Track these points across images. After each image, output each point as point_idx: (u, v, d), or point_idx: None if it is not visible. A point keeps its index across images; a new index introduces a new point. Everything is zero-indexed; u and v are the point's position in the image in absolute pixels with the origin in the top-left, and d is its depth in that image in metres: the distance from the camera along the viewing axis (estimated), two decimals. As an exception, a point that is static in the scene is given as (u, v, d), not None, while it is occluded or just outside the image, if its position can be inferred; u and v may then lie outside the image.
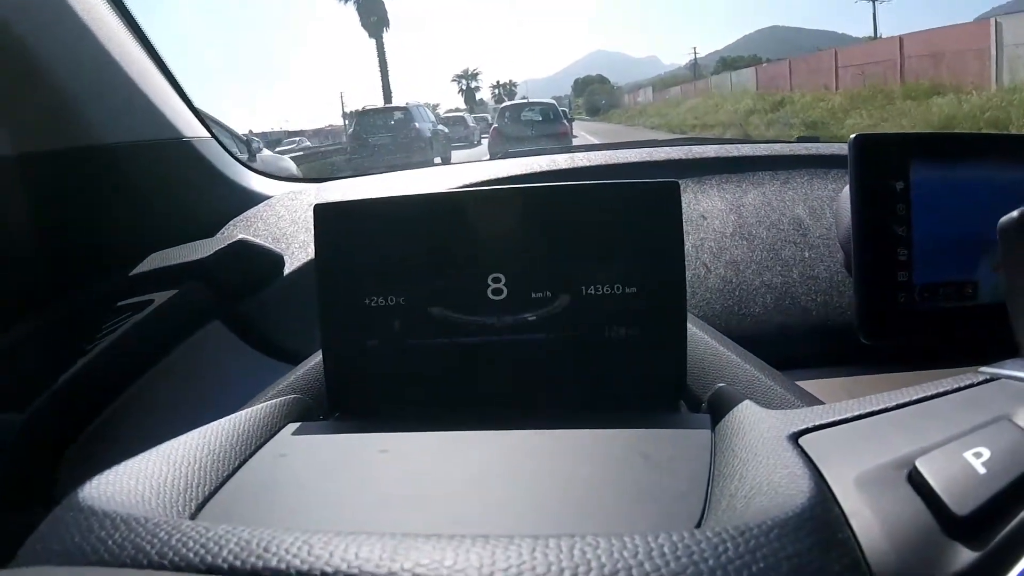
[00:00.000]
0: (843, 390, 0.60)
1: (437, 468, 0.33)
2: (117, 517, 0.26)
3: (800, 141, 0.95)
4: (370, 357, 0.43)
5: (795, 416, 0.30)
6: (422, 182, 1.00)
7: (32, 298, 0.70)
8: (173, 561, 0.23)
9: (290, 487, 0.32)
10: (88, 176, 0.75)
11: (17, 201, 0.71)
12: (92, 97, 0.75)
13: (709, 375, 0.45)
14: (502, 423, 0.36)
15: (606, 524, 0.26)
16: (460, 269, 0.42)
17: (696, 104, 25.13)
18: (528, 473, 0.31)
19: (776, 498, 0.23)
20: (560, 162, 0.90)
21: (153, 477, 0.30)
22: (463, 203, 0.43)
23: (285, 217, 0.84)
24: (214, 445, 0.34)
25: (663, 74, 77.44)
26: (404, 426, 0.37)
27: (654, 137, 4.83)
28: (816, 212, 0.76)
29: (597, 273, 0.41)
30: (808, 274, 0.70)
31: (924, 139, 0.54)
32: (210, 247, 0.72)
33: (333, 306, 0.43)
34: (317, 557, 0.21)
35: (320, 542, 0.22)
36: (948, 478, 0.23)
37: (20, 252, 0.71)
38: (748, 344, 0.49)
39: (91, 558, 0.24)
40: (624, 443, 0.33)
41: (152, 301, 0.66)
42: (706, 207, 0.79)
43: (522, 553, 0.21)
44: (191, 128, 0.86)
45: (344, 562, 0.21)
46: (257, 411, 0.39)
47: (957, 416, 0.27)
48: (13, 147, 0.69)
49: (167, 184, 0.83)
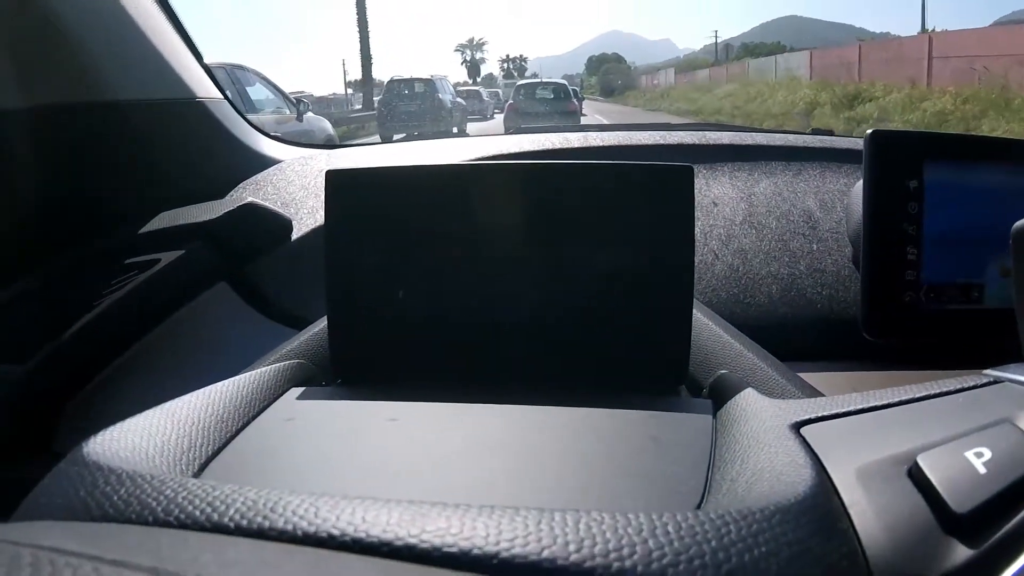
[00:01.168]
0: (844, 384, 0.60)
1: (443, 438, 0.33)
2: (122, 473, 0.26)
3: (814, 133, 0.95)
4: (375, 325, 0.43)
5: (797, 406, 0.31)
6: (435, 152, 0.99)
7: (37, 250, 0.70)
8: (179, 518, 0.23)
9: (293, 451, 0.32)
10: (99, 131, 0.74)
11: (27, 152, 0.70)
12: (107, 53, 0.74)
13: (711, 361, 0.45)
14: (505, 397, 0.36)
15: (607, 501, 0.27)
16: (469, 241, 0.42)
17: (733, 91, 22.10)
18: (533, 447, 0.32)
19: (778, 485, 0.24)
20: (573, 140, 0.89)
21: (157, 435, 0.30)
22: (476, 176, 0.43)
23: (295, 182, 0.84)
24: (218, 406, 0.34)
25: (680, 57, 73.92)
26: (408, 395, 0.37)
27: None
28: (827, 205, 0.76)
29: (607, 253, 0.41)
30: (815, 267, 0.70)
31: (940, 139, 0.54)
32: (219, 208, 0.72)
33: (340, 273, 0.43)
34: (324, 519, 0.22)
35: (327, 505, 0.22)
36: (949, 476, 0.23)
37: (28, 203, 0.71)
38: (751, 333, 0.49)
39: (95, 513, 0.24)
40: (628, 424, 0.33)
41: (159, 260, 0.67)
42: (717, 194, 0.79)
43: (528, 524, 0.21)
44: (204, 89, 0.86)
45: (351, 526, 0.21)
46: (261, 374, 0.40)
47: (959, 416, 0.27)
48: (26, 98, 0.69)
49: (178, 144, 0.83)
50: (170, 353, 0.64)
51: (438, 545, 0.21)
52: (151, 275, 0.65)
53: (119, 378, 0.62)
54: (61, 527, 0.24)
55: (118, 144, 0.76)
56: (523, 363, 0.42)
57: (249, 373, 0.40)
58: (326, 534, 0.21)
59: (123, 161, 0.77)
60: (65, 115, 0.72)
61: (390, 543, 0.21)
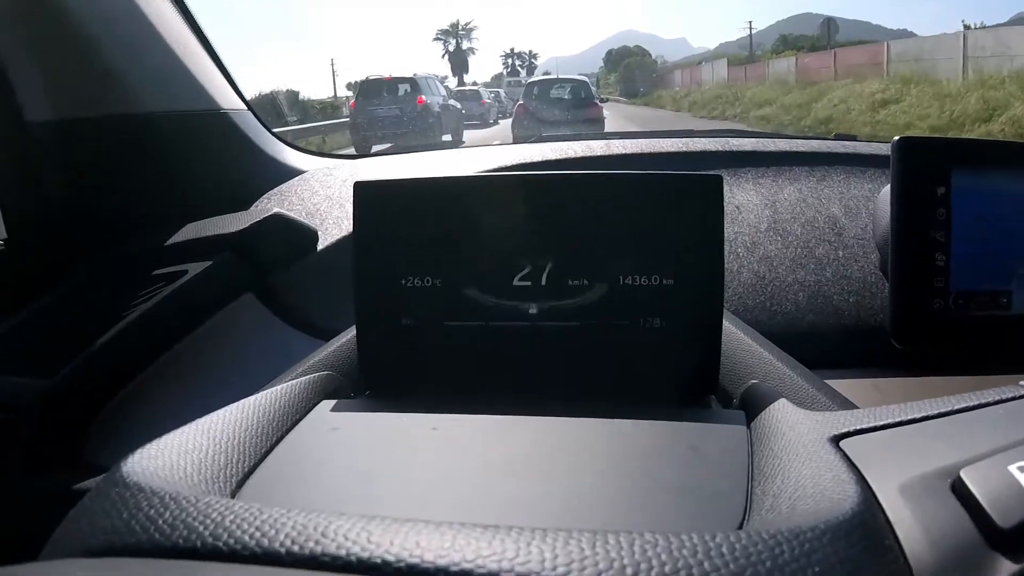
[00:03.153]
0: (872, 391, 0.60)
1: (482, 452, 0.33)
2: (165, 495, 0.25)
3: (837, 138, 0.95)
4: (404, 337, 0.43)
5: (834, 418, 0.31)
6: (459, 163, 1.00)
7: (64, 262, 0.71)
8: (228, 543, 0.23)
9: (331, 466, 0.33)
10: (124, 144, 0.76)
11: (53, 165, 0.72)
12: (132, 66, 0.75)
13: (740, 371, 0.45)
14: (536, 408, 0.36)
15: (653, 517, 0.27)
16: (498, 253, 0.43)
17: (842, 95, 13.93)
18: (572, 461, 0.32)
19: (823, 501, 0.24)
20: (595, 148, 0.89)
21: (194, 452, 0.30)
22: (504, 187, 0.44)
23: (319, 192, 0.84)
24: (252, 420, 0.35)
25: (694, 54, 65.08)
26: (438, 407, 0.37)
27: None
28: (852, 211, 0.76)
29: (635, 263, 0.41)
30: (842, 274, 0.70)
31: (968, 145, 0.54)
32: (245, 220, 0.73)
33: (369, 284, 0.43)
34: (377, 544, 0.22)
35: (379, 529, 0.22)
36: (992, 490, 0.23)
37: (54, 215, 0.72)
38: (778, 341, 0.49)
39: (141, 537, 0.24)
40: (664, 435, 0.34)
41: (186, 271, 0.67)
42: (741, 200, 0.78)
43: (583, 548, 0.21)
44: (228, 100, 0.87)
45: (405, 550, 0.21)
46: (292, 387, 0.40)
47: (1000, 429, 0.27)
48: (53, 112, 0.70)
49: (202, 155, 0.83)
50: (198, 364, 0.65)
51: (495, 571, 0.21)
52: (179, 286, 0.66)
53: (148, 389, 0.62)
54: (121, 565, 0.23)
55: (143, 156, 0.77)
56: (552, 374, 0.43)
57: (280, 386, 0.40)
58: (380, 559, 0.21)
59: (148, 173, 0.78)
60: (91, 128, 0.73)
61: (446, 569, 0.21)
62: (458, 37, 52.72)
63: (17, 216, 0.70)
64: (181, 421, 0.34)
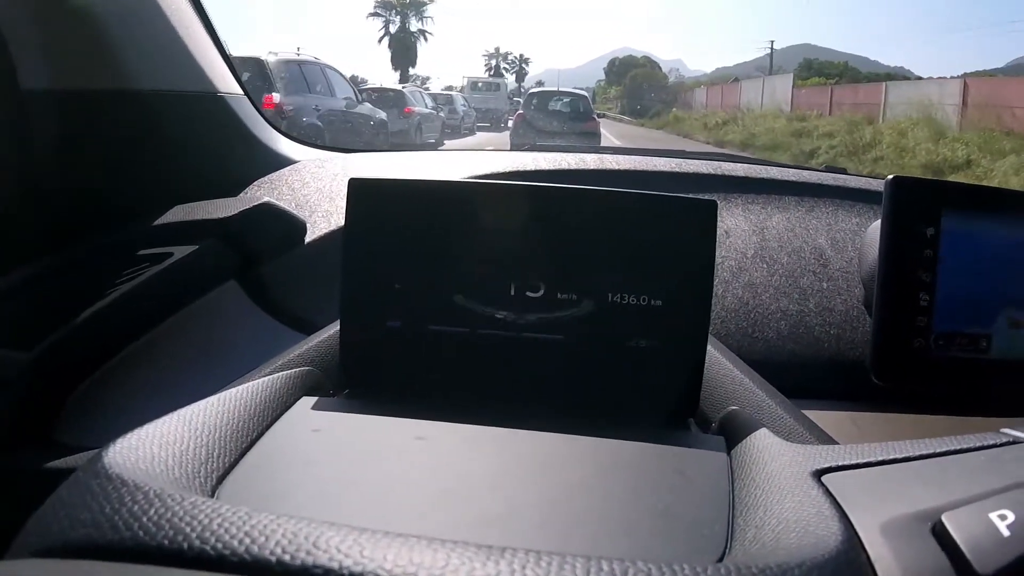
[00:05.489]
0: (848, 424, 0.61)
1: (465, 462, 0.33)
2: (149, 490, 0.25)
3: (828, 171, 0.96)
4: (388, 338, 0.43)
5: (816, 452, 0.31)
6: (451, 165, 1.00)
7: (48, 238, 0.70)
8: (216, 548, 0.22)
9: (314, 467, 0.32)
10: (119, 119, 0.75)
11: (46, 137, 0.70)
12: (132, 41, 0.74)
13: (720, 396, 0.45)
14: (516, 417, 0.36)
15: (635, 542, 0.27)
16: (489, 261, 0.42)
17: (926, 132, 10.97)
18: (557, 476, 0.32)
19: (807, 537, 0.24)
20: (588, 162, 0.90)
21: (175, 444, 0.30)
22: (501, 195, 0.43)
23: (310, 184, 0.84)
24: (233, 414, 0.34)
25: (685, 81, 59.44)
26: (419, 413, 0.37)
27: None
28: (838, 244, 0.77)
29: (625, 282, 0.41)
30: (825, 305, 0.71)
31: (959, 189, 0.54)
32: (234, 206, 0.72)
33: (357, 282, 0.43)
34: (370, 559, 0.21)
35: (371, 542, 0.22)
36: (973, 536, 0.23)
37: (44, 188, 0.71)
38: (758, 368, 0.49)
39: (124, 534, 0.23)
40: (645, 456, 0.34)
41: (172, 254, 0.66)
42: (730, 225, 0.79)
43: (577, 572, 0.21)
44: (225, 84, 0.86)
45: (399, 567, 0.21)
46: (273, 381, 0.40)
47: (981, 475, 0.27)
48: (50, 81, 0.69)
49: (196, 137, 0.83)
50: (175, 348, 0.64)
51: None
52: (162, 269, 0.65)
53: (123, 370, 0.61)
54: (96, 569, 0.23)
55: (137, 133, 0.76)
56: (535, 386, 0.42)
57: (261, 380, 0.39)
58: (373, 573, 0.21)
59: (141, 150, 0.77)
60: (86, 101, 0.72)
61: None
62: (403, 13, 37.99)
63: (5, 185, 0.69)
64: (154, 405, 0.33)
